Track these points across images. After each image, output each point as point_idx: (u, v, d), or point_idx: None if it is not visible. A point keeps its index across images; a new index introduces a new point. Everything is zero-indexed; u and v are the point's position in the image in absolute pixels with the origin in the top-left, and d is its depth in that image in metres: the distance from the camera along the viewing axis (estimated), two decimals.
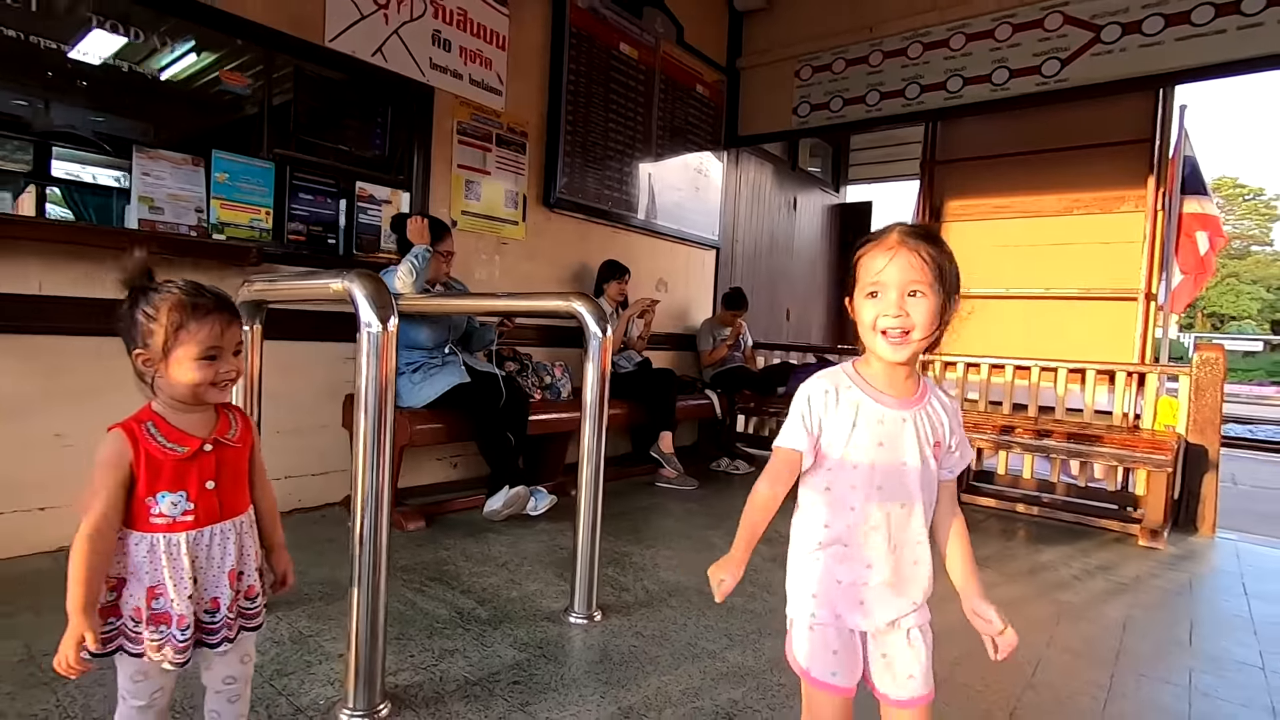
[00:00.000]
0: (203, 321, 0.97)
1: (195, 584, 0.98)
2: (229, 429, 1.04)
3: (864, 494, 0.93)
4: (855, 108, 4.50)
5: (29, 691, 1.41)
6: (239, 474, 1.05)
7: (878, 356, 0.93)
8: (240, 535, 1.04)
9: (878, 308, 0.90)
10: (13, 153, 2.43)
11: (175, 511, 0.97)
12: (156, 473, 0.96)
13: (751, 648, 1.79)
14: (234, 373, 1.00)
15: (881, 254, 0.90)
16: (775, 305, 6.00)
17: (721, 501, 3.45)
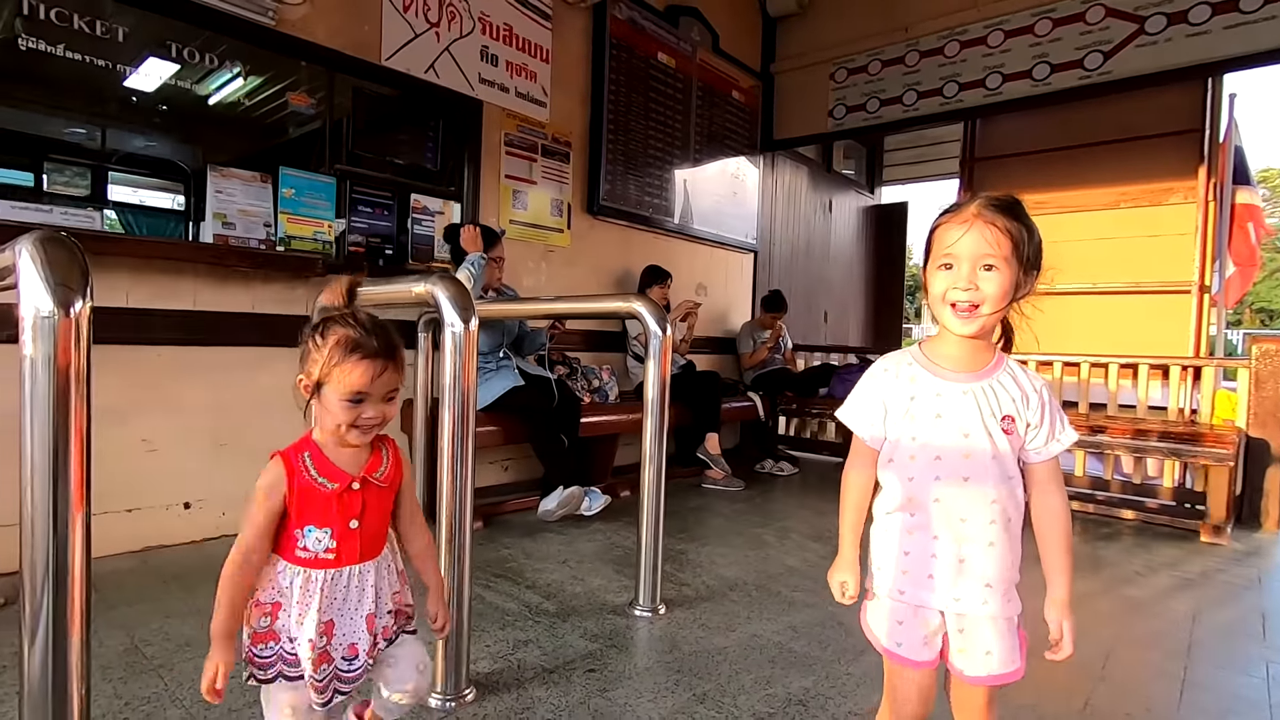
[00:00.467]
0: (358, 364, 0.94)
1: (328, 625, 0.96)
2: (379, 467, 1.02)
3: (923, 465, 0.94)
4: (892, 108, 4.50)
5: (138, 678, 1.50)
6: (383, 514, 1.03)
7: (945, 329, 0.94)
8: (381, 576, 1.01)
9: (949, 280, 0.91)
10: (72, 179, 2.59)
11: (319, 548, 0.97)
12: (307, 505, 0.96)
13: (817, 639, 1.82)
14: (377, 419, 0.97)
15: (957, 225, 0.91)
16: (813, 308, 5.99)
17: (769, 502, 3.46)
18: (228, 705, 1.39)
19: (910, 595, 0.95)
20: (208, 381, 2.45)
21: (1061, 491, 0.95)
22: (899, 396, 0.97)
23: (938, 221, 0.95)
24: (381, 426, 0.99)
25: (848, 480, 1.03)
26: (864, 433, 1.00)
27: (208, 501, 2.46)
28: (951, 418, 0.93)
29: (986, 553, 0.91)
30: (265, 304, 2.57)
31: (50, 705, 0.98)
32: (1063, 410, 0.96)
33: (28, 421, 0.95)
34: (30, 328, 0.94)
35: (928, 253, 0.96)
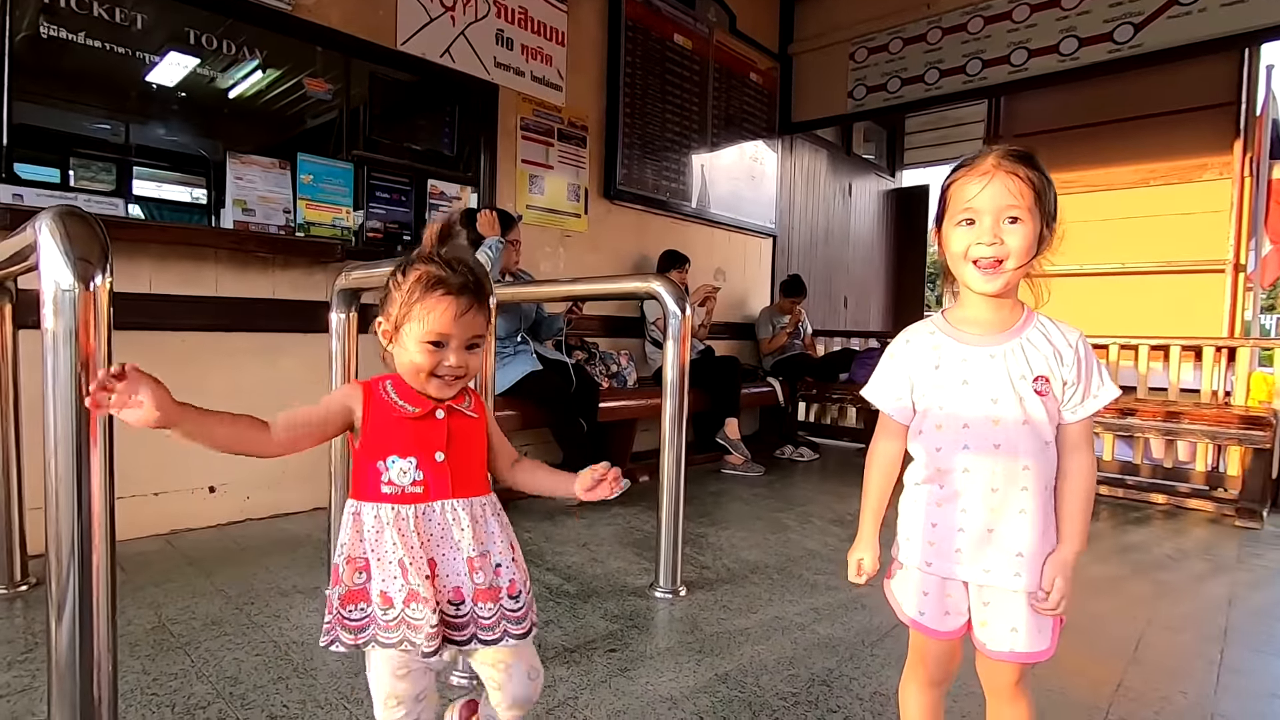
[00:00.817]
0: (440, 300, 0.86)
1: (431, 565, 0.88)
2: (463, 400, 0.94)
3: (951, 435, 0.90)
4: (914, 87, 4.41)
5: (165, 655, 1.52)
6: (474, 450, 0.94)
7: (968, 288, 0.90)
8: (477, 519, 0.91)
9: (970, 235, 0.87)
10: (97, 174, 2.61)
11: (405, 480, 0.88)
12: (387, 433, 0.89)
13: (840, 621, 1.79)
14: (460, 369, 0.88)
15: (976, 178, 0.86)
16: (832, 292, 5.92)
17: (789, 487, 3.44)
18: (254, 681, 1.41)
19: (936, 566, 0.93)
20: (230, 366, 2.47)
21: (1091, 453, 0.91)
22: (923, 366, 0.94)
23: (953, 176, 0.91)
24: (465, 380, 0.90)
25: (872, 457, 1.01)
26: (888, 407, 0.98)
27: (231, 485, 2.49)
28: (979, 384, 0.89)
29: (1018, 521, 0.88)
30: (285, 290, 2.58)
31: (78, 681, 1.00)
32: (1102, 365, 0.91)
33: (50, 397, 0.96)
34: (51, 301, 0.94)
35: (943, 210, 0.92)
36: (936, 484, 0.93)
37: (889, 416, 0.99)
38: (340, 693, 1.36)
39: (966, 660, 0.99)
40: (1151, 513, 3.15)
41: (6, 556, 1.82)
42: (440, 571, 0.89)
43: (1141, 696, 1.47)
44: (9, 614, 1.71)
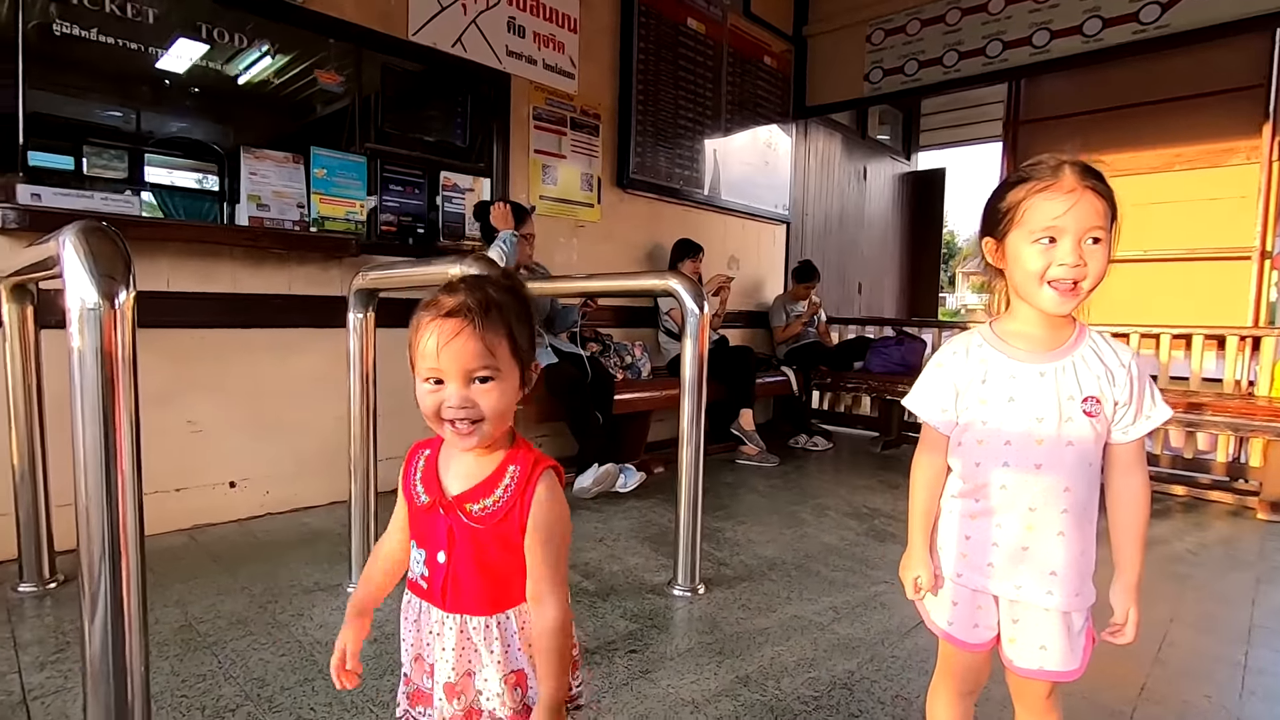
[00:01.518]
0: (426, 326, 0.73)
1: (419, 665, 0.81)
2: (486, 495, 0.76)
3: (992, 450, 0.89)
4: (932, 70, 4.32)
5: (193, 655, 1.54)
6: (486, 559, 0.76)
7: (1037, 308, 0.87)
8: (467, 643, 0.77)
9: (1050, 256, 0.83)
10: (110, 162, 2.62)
11: (417, 570, 0.79)
12: (411, 514, 0.81)
13: (860, 621, 1.79)
14: (464, 409, 0.72)
15: (1060, 197, 0.82)
16: (847, 279, 5.87)
17: (804, 478, 3.43)
18: (280, 683, 1.43)
19: (967, 579, 0.93)
20: (248, 363, 2.48)
21: (1144, 474, 0.89)
22: (970, 380, 0.92)
23: (1025, 189, 0.85)
24: (483, 427, 0.73)
25: (916, 470, 0.99)
26: (933, 419, 0.96)
27: (252, 481, 2.51)
28: (1025, 401, 0.88)
29: (1054, 542, 0.87)
30: (301, 285, 2.59)
31: (112, 682, 1.01)
32: (1154, 384, 0.89)
33: (78, 410, 0.96)
34: (77, 319, 0.94)
35: (1008, 222, 0.87)
36: (972, 498, 0.92)
37: (933, 428, 0.97)
38: (366, 696, 1.38)
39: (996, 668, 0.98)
40: (1171, 504, 3.12)
41: (35, 554, 1.85)
42: (438, 675, 0.79)
43: (1165, 700, 1.46)
44: (39, 612, 1.73)
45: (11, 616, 1.70)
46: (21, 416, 1.82)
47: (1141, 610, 0.90)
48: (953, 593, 0.94)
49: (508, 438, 0.79)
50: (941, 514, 0.97)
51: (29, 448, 1.83)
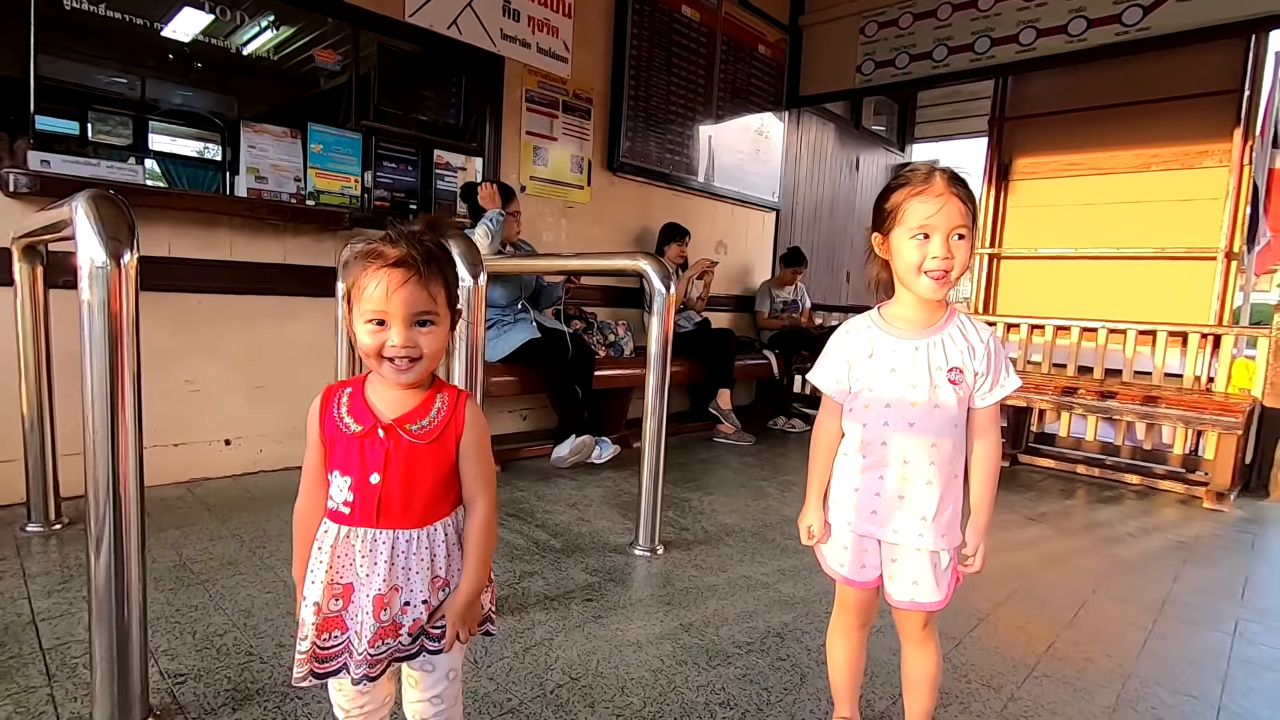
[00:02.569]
0: (375, 273, 0.80)
1: (345, 589, 0.85)
2: (420, 418, 0.85)
3: (876, 413, 1.04)
4: (922, 64, 4.40)
5: (186, 589, 1.69)
6: (420, 476, 0.85)
7: (916, 294, 1.02)
8: (397, 557, 0.84)
9: (925, 250, 0.98)
10: (115, 128, 2.74)
11: (339, 498, 0.85)
12: (335, 446, 0.86)
13: (802, 582, 1.94)
14: (408, 349, 0.81)
15: (931, 199, 0.97)
16: (835, 267, 5.98)
17: (777, 456, 3.57)
18: (265, 615, 1.57)
19: (856, 525, 1.08)
20: (244, 327, 2.61)
21: (996, 435, 1.05)
22: (859, 355, 1.07)
23: (903, 192, 1.00)
24: (421, 364, 0.83)
25: (817, 433, 1.15)
26: (828, 388, 1.11)
27: (246, 439, 2.66)
28: (903, 371, 1.03)
29: (924, 490, 1.02)
30: (295, 255, 2.71)
31: (113, 607, 1.15)
32: (1009, 360, 1.05)
33: (87, 361, 1.09)
34: (87, 276, 1.07)
35: (892, 220, 1.01)
36: (862, 455, 1.07)
37: (829, 397, 1.12)
38: None
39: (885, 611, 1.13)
40: (1124, 492, 3.27)
41: (42, 498, 1.99)
42: (355, 599, 0.85)
43: (1068, 657, 1.61)
44: (46, 549, 1.88)
45: (20, 552, 1.85)
46: (31, 369, 1.95)
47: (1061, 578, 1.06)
48: (845, 539, 1.09)
49: (430, 376, 0.89)
50: (836, 471, 1.11)
51: (37, 399, 1.96)
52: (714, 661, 1.49)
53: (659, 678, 1.41)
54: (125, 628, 1.16)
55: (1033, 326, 3.97)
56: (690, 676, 1.42)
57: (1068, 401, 3.37)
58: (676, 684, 1.39)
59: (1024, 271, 4.52)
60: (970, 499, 1.06)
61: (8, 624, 1.48)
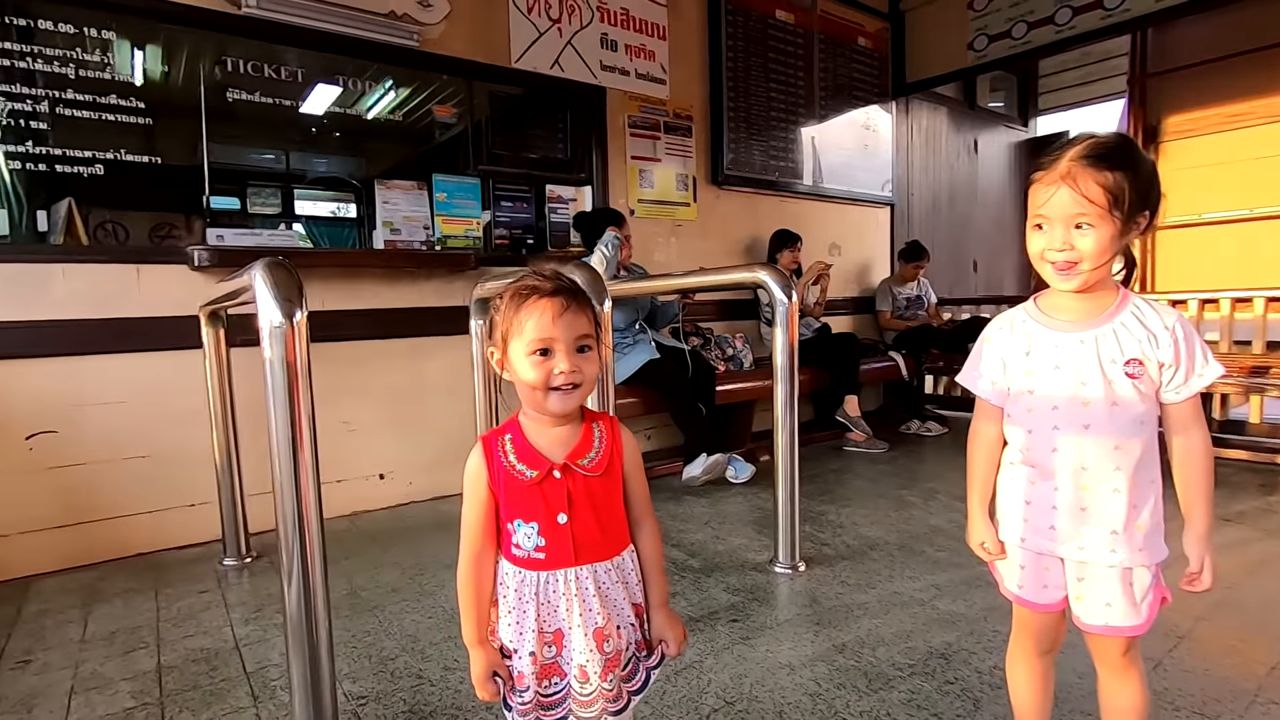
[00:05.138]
0: (536, 304, 0.83)
1: (556, 635, 0.86)
2: (588, 451, 0.87)
3: (1041, 417, 0.94)
4: (1043, 30, 4.08)
5: (359, 616, 1.83)
6: (603, 508, 0.87)
7: (1051, 285, 0.93)
8: (603, 586, 0.87)
9: (1043, 240, 0.90)
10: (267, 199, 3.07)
11: (529, 545, 0.85)
12: (511, 496, 0.86)
13: (962, 598, 1.81)
14: (574, 374, 0.83)
15: (1045, 186, 0.89)
16: (960, 257, 5.62)
17: (914, 463, 3.38)
18: (429, 639, 1.67)
19: (1031, 542, 0.97)
20: (386, 369, 2.82)
21: (1201, 430, 0.91)
22: (1015, 352, 0.98)
23: (1031, 178, 0.93)
24: (583, 389, 0.86)
25: (972, 441, 1.06)
26: (983, 391, 1.03)
27: (397, 472, 2.86)
28: (1069, 367, 0.92)
29: (1111, 499, 0.91)
30: (429, 298, 2.90)
31: (305, 632, 1.25)
32: (1204, 344, 0.91)
33: (271, 410, 1.22)
34: (267, 335, 1.19)
35: (1027, 208, 0.95)
36: (1029, 464, 0.97)
37: (985, 400, 1.03)
38: None
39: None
40: None
41: (235, 535, 2.23)
42: (568, 644, 0.86)
43: None
44: (240, 581, 2.10)
45: (220, 584, 2.08)
46: (220, 420, 2.20)
47: (1258, 584, 0.92)
48: (1019, 557, 0.99)
49: (579, 408, 0.91)
50: (1001, 482, 1.02)
51: (226, 446, 2.21)
52: (875, 685, 1.41)
53: (817, 702, 1.36)
54: (316, 652, 1.26)
55: (1204, 301, 3.53)
56: (851, 701, 1.36)
57: (1259, 383, 2.95)
58: (837, 709, 1.33)
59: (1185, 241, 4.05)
60: (1182, 507, 0.92)
61: (217, 649, 1.66)
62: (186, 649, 1.67)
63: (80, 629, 1.80)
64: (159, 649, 1.67)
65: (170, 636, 1.74)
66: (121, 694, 1.48)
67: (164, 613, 1.88)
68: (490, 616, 0.90)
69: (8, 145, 2.19)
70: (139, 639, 1.73)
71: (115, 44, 2.34)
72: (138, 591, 2.04)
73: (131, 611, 1.90)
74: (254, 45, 2.57)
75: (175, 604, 1.94)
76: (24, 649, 1.70)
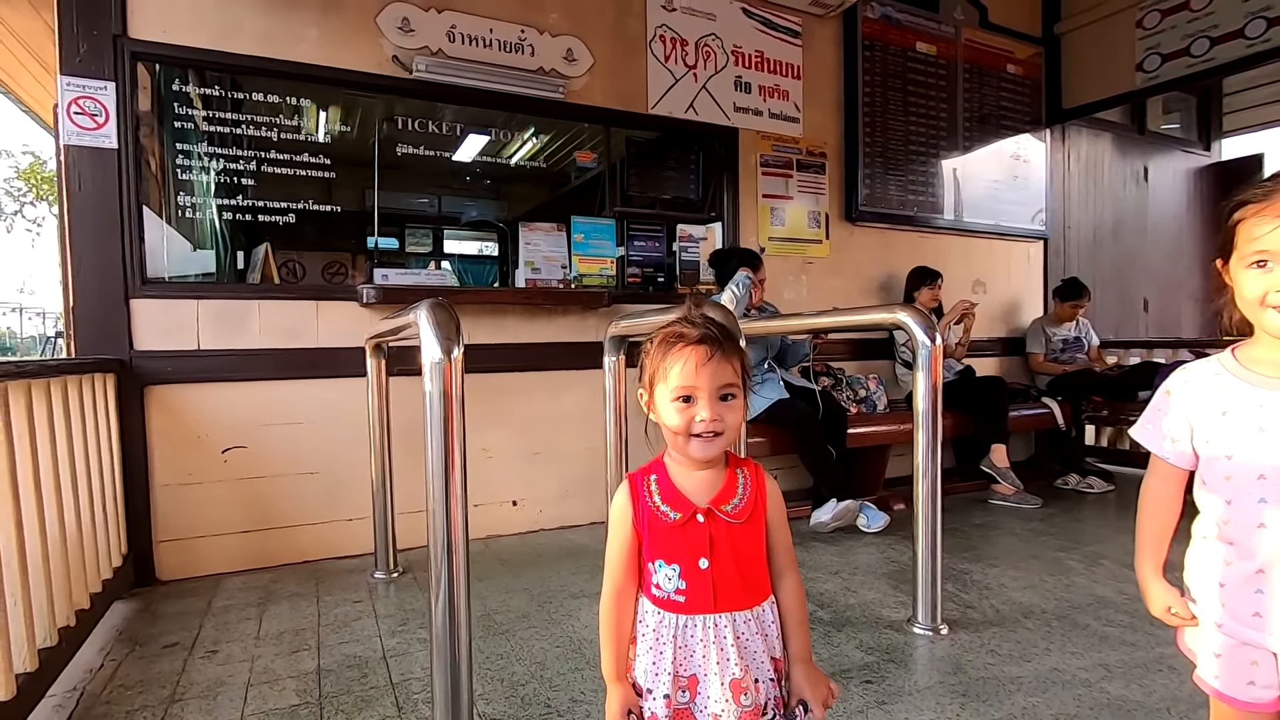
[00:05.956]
0: (680, 352, 0.84)
1: (690, 680, 0.84)
2: (731, 497, 0.87)
3: (1243, 487, 0.82)
4: (1229, 46, 3.67)
5: (492, 638, 1.90)
6: (745, 555, 0.87)
7: (1268, 333, 0.82)
8: (741, 637, 0.85)
9: (1268, 281, 0.79)
10: (421, 240, 3.37)
11: (669, 587, 0.85)
12: (655, 536, 0.87)
13: (1138, 683, 1.60)
14: (714, 422, 0.83)
15: (1270, 218, 0.78)
16: (1126, 296, 5.09)
17: (1072, 522, 3.05)
18: (558, 668, 1.71)
19: (1229, 629, 0.85)
20: (523, 400, 2.96)
21: None
22: (1208, 410, 0.87)
23: (1243, 208, 0.82)
24: (725, 436, 0.85)
25: (1144, 500, 0.96)
26: (1164, 452, 0.92)
27: (529, 500, 2.97)
28: (1277, 431, 0.81)
29: None
30: (564, 333, 3.03)
31: (449, 647, 1.32)
32: None
33: (429, 438, 1.31)
34: (428, 370, 1.30)
35: (1230, 244, 0.84)
36: (1226, 540, 0.86)
37: (1162, 460, 0.93)
38: None
39: None
40: None
41: (385, 550, 2.41)
42: (702, 691, 0.84)
43: None
44: (389, 594, 2.26)
45: (371, 595, 2.24)
46: (378, 442, 2.41)
47: None
48: (1215, 643, 0.87)
49: (723, 452, 0.91)
50: (1191, 557, 0.91)
51: (381, 466, 2.41)
52: None
53: None
54: (458, 668, 1.33)
55: None
56: None
57: None
58: None
59: None
60: None
61: (368, 658, 1.79)
62: (342, 654, 1.81)
63: (256, 626, 2.01)
64: (319, 652, 1.83)
65: (329, 641, 1.90)
66: (288, 691, 1.63)
67: (324, 618, 2.06)
68: (629, 654, 0.90)
69: (220, 199, 2.56)
70: (303, 640, 1.90)
71: (305, 109, 2.68)
72: (303, 596, 2.25)
73: (297, 614, 2.10)
74: (418, 104, 2.86)
75: (333, 610, 2.12)
76: (212, 639, 1.92)
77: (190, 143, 2.50)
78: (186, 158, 2.49)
